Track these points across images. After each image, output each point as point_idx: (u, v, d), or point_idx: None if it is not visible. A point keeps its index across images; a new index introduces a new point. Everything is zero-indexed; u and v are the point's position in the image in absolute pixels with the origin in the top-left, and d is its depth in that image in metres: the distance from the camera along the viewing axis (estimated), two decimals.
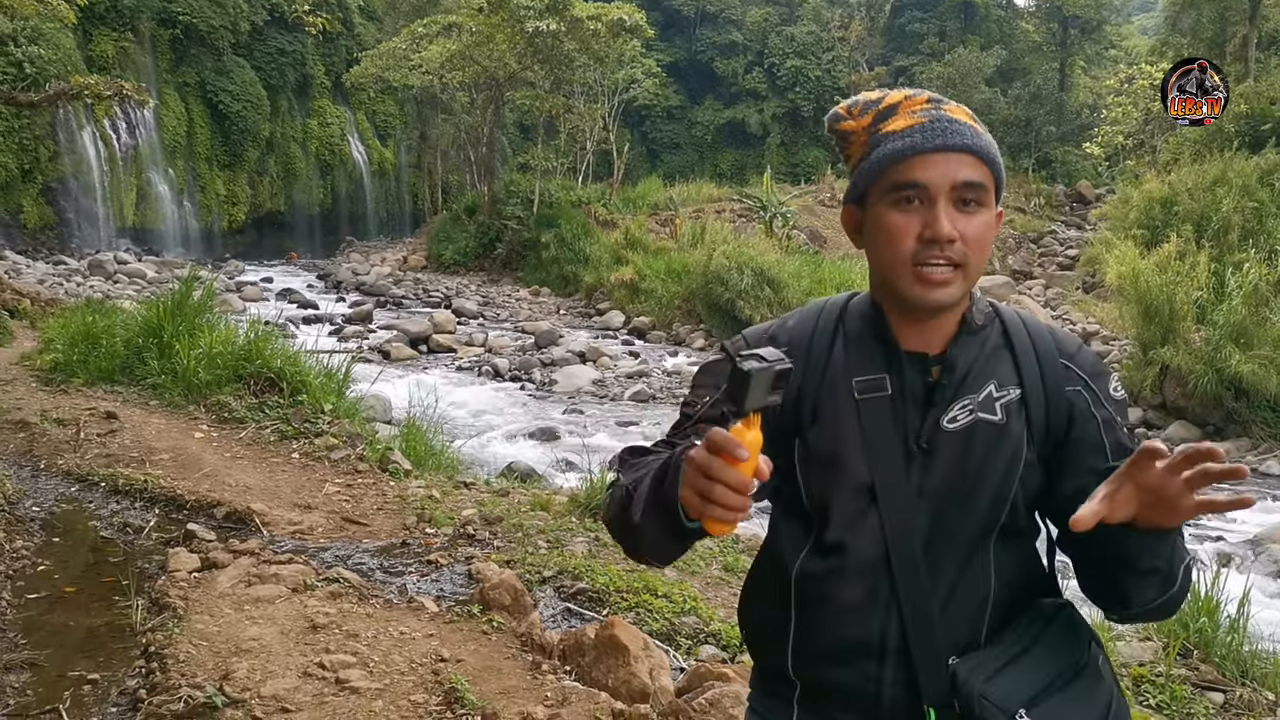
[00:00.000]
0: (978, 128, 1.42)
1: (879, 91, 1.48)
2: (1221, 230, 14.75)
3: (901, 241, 1.38)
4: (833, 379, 1.46)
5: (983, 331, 1.47)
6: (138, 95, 15.25)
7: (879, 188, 1.41)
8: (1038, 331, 1.51)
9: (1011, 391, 1.44)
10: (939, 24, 47.10)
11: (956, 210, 1.37)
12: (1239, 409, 11.25)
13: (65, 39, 27.85)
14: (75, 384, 8.31)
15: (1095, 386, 1.47)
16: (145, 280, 23.89)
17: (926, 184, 1.37)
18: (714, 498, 1.17)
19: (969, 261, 1.38)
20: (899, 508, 1.41)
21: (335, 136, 39.96)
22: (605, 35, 26.60)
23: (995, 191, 1.42)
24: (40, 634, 3.86)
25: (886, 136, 1.40)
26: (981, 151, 1.39)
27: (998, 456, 1.41)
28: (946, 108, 1.42)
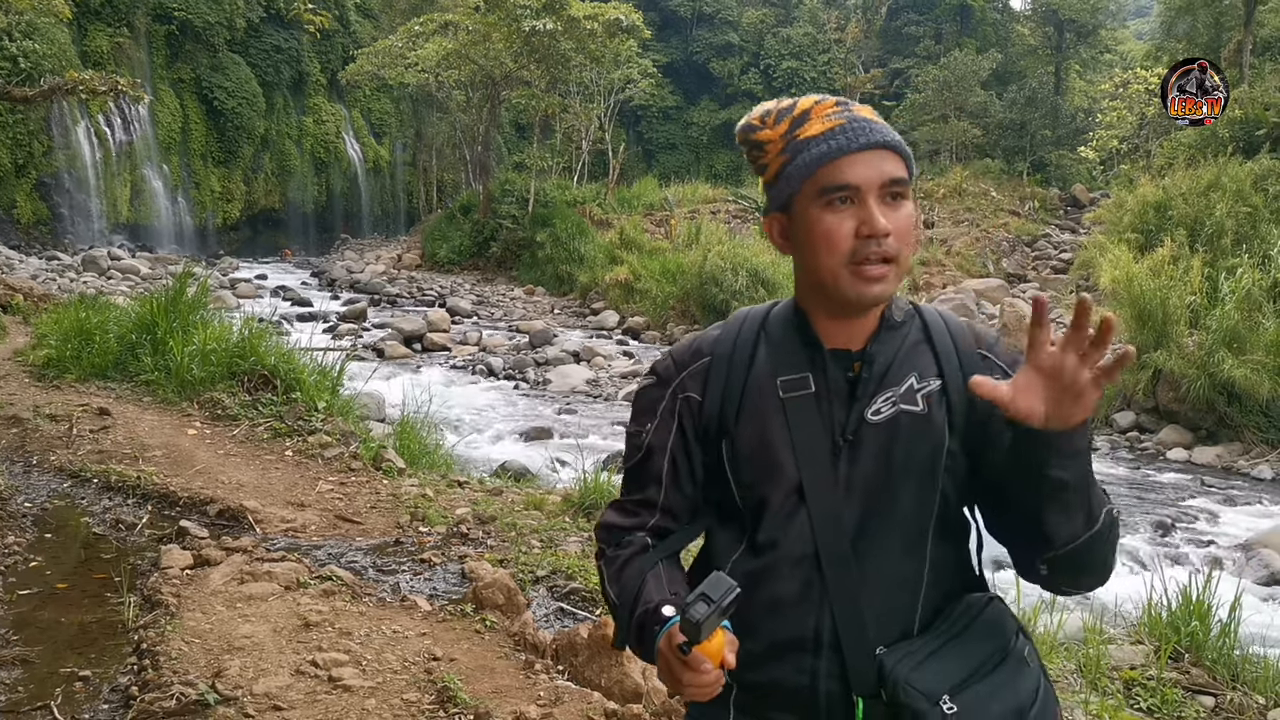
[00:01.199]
0: (887, 125, 1.47)
1: (786, 100, 1.51)
2: (1215, 235, 14.78)
3: (837, 241, 1.41)
4: (757, 381, 1.51)
5: (902, 327, 1.52)
6: (133, 91, 15.21)
7: (807, 192, 1.44)
8: (956, 326, 1.56)
9: (932, 383, 1.49)
10: (935, 26, 47.18)
11: (885, 205, 1.42)
12: (1231, 413, 11.28)
13: (60, 34, 27.79)
14: (68, 380, 8.29)
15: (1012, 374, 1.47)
16: (139, 276, 23.85)
17: (858, 184, 1.40)
18: (683, 691, 1.34)
19: (900, 254, 1.42)
20: (826, 503, 1.45)
21: (330, 134, 39.94)
22: (602, 35, 26.62)
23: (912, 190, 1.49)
24: (31, 630, 3.84)
25: (807, 142, 1.43)
26: (899, 146, 1.45)
27: (921, 445, 1.46)
28: (856, 108, 1.46)
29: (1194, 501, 9.59)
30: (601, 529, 1.61)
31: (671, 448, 1.54)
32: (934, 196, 29.54)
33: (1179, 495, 9.83)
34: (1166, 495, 9.83)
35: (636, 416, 1.60)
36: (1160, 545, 8.30)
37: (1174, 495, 9.83)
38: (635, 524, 1.57)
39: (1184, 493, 9.92)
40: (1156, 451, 11.46)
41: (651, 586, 1.49)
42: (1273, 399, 10.98)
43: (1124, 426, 12.23)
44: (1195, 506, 9.42)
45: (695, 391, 1.53)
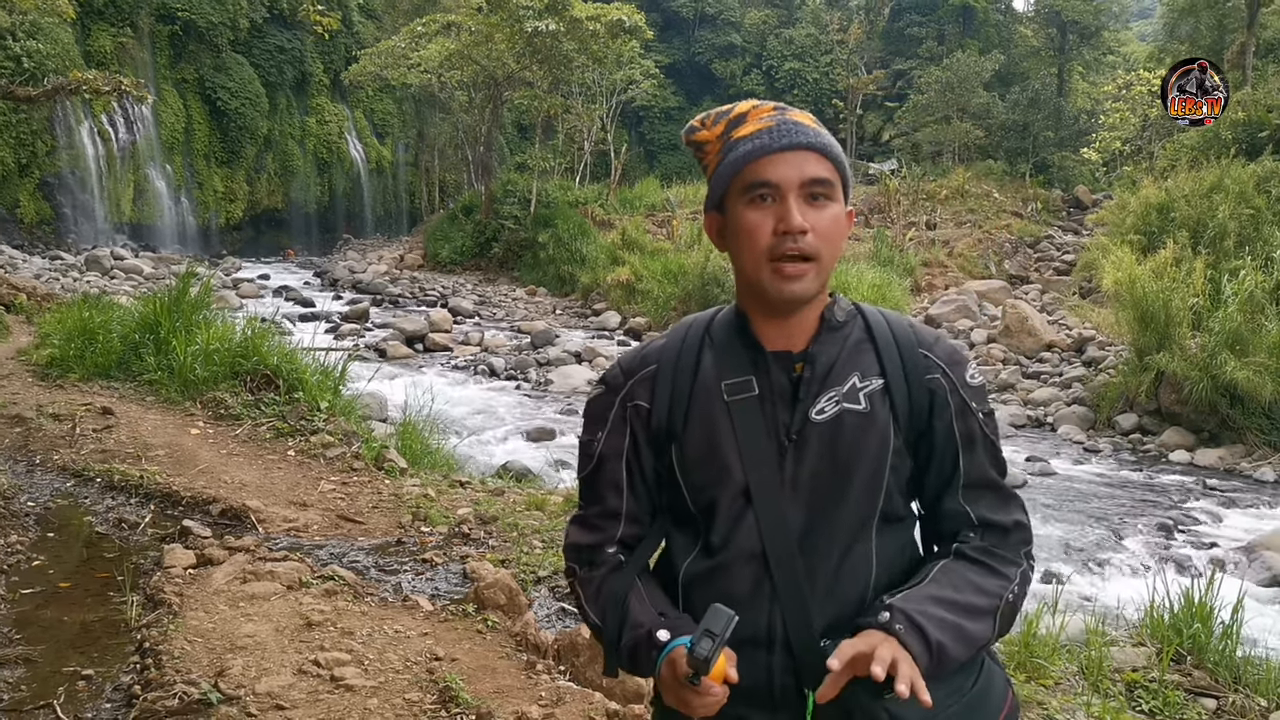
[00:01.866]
0: (820, 130, 1.50)
1: (730, 105, 1.56)
2: (1218, 237, 14.77)
3: (758, 237, 1.46)
4: (703, 386, 1.54)
5: (844, 328, 1.55)
6: (136, 91, 15.22)
7: (734, 190, 1.49)
8: (898, 325, 1.58)
9: (874, 381, 1.51)
10: (938, 28, 47.15)
11: (807, 205, 1.46)
12: (1234, 415, 11.27)
13: (64, 34, 27.82)
14: (71, 379, 8.30)
15: (952, 374, 1.54)
16: (142, 276, 23.87)
17: (778, 182, 1.45)
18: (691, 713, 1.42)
19: (821, 253, 1.46)
20: (773, 503, 1.48)
21: (333, 134, 39.95)
22: (604, 36, 26.62)
23: (844, 190, 1.51)
24: (34, 629, 3.85)
25: (737, 142, 1.49)
26: (825, 149, 1.48)
27: (866, 443, 1.49)
28: (791, 113, 1.51)
29: (1196, 503, 9.59)
30: (570, 549, 1.63)
31: (626, 455, 1.57)
32: (936, 198, 29.52)
33: (1181, 497, 9.82)
34: (1169, 497, 9.82)
35: (588, 425, 1.62)
36: (1162, 547, 8.30)
37: (1176, 497, 9.82)
38: (603, 539, 1.60)
39: (1186, 495, 9.92)
40: (1159, 453, 11.46)
41: (636, 609, 1.52)
42: (1275, 401, 10.97)
43: (1126, 428, 12.22)
44: (1197, 508, 9.41)
45: (643, 399, 1.56)
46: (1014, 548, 1.53)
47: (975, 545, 1.52)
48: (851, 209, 1.55)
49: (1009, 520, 1.54)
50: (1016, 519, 1.55)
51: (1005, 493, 1.56)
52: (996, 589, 1.47)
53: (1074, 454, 11.70)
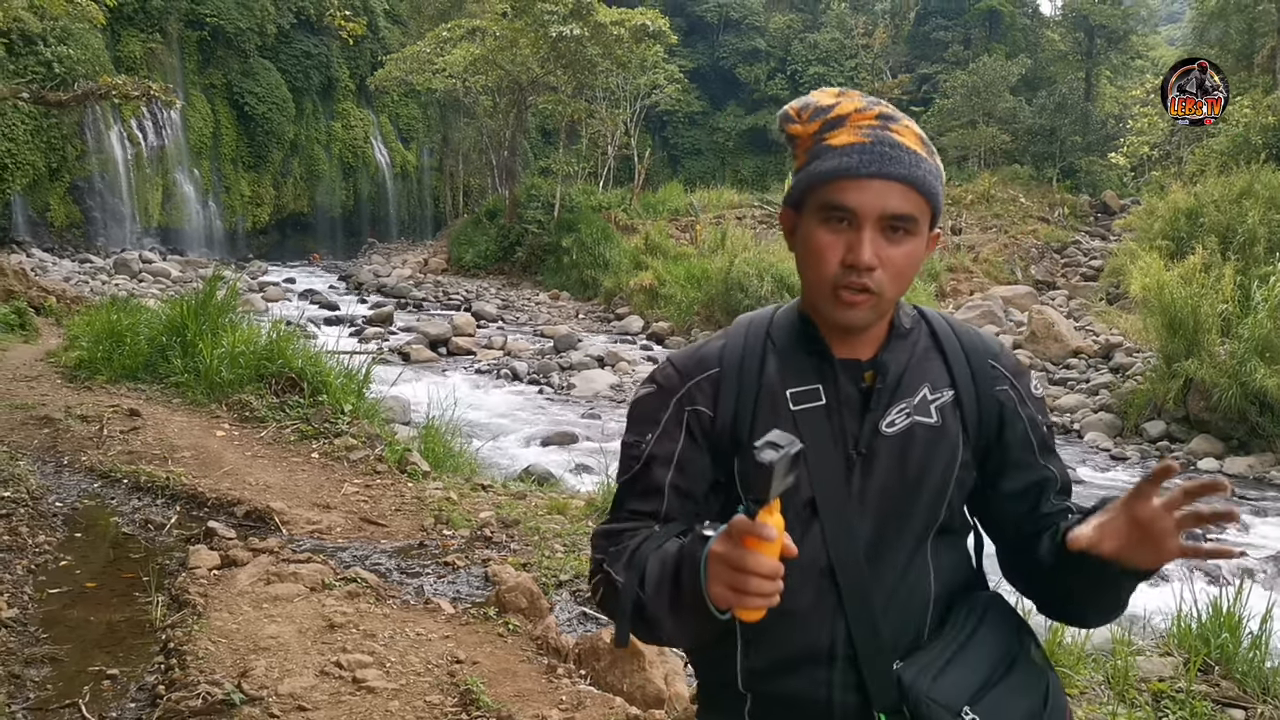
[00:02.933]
0: (922, 153, 1.40)
1: (834, 95, 1.45)
2: (1247, 243, 14.61)
3: (825, 261, 1.39)
4: (768, 394, 1.47)
5: (911, 334, 1.51)
6: (165, 96, 15.36)
7: (812, 201, 1.41)
8: (964, 333, 1.55)
9: (945, 393, 1.48)
10: (964, 32, 46.89)
11: (884, 237, 1.38)
12: (1263, 423, 11.14)
13: (94, 39, 28.11)
14: (99, 381, 8.38)
15: (1019, 385, 1.53)
16: (169, 279, 24.09)
17: (855, 209, 1.37)
18: (749, 589, 1.20)
19: (884, 290, 1.39)
20: (840, 516, 1.43)
21: (359, 139, 40.17)
22: (628, 41, 26.64)
23: (931, 219, 1.44)
24: (61, 629, 3.88)
25: (827, 150, 1.40)
26: (918, 182, 1.38)
27: (936, 458, 1.45)
28: (895, 128, 1.40)
29: None
30: (598, 536, 1.53)
31: (679, 459, 1.48)
32: (962, 203, 29.36)
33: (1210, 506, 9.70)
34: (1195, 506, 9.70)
35: (635, 426, 1.54)
36: None
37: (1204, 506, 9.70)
38: (638, 527, 1.49)
39: (1214, 503, 9.79)
40: (1187, 461, 11.34)
41: (671, 545, 1.38)
42: None
43: (1154, 436, 12.10)
44: None
45: (704, 405, 1.48)
46: None
47: None
48: (938, 231, 1.49)
49: None
50: None
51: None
52: None
53: (1101, 461, 11.59)
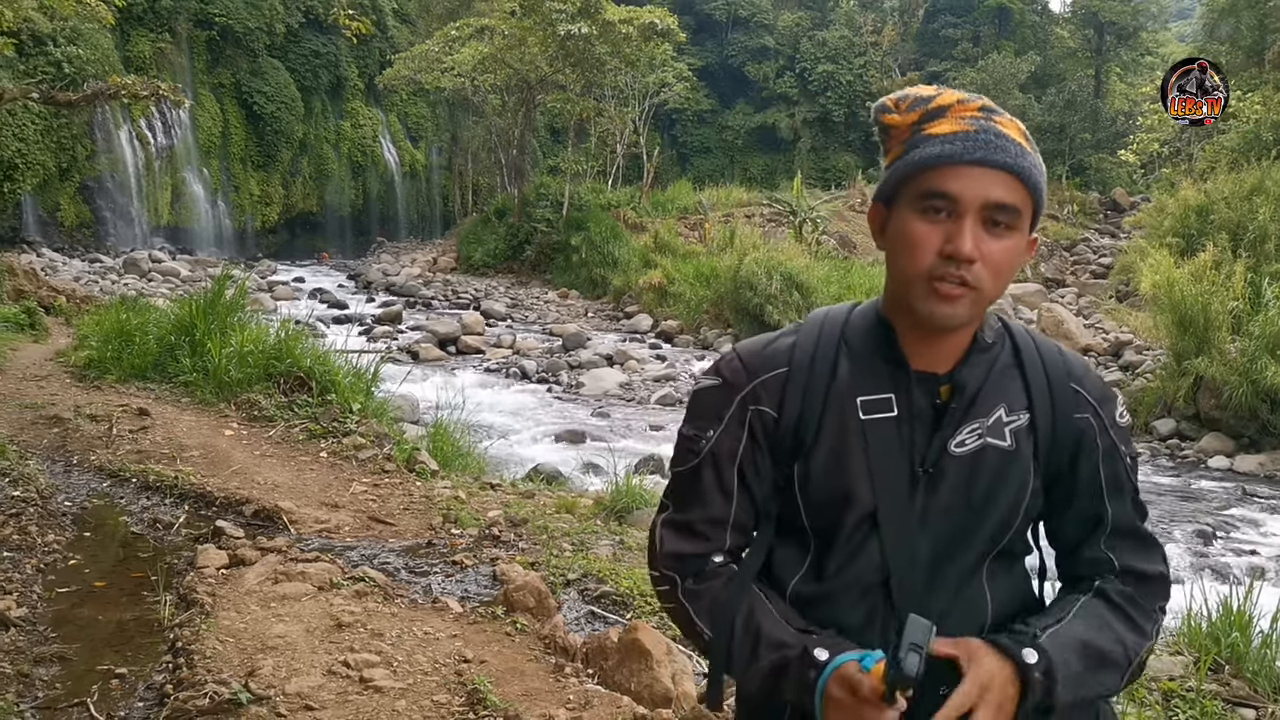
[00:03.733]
0: (1027, 147, 1.35)
1: (934, 88, 1.42)
2: (1258, 240, 14.54)
3: (922, 252, 1.32)
4: (837, 398, 1.40)
5: (992, 350, 1.42)
6: (174, 96, 15.38)
7: (909, 191, 1.34)
8: (1048, 352, 1.46)
9: (1021, 416, 1.40)
10: (973, 29, 46.78)
11: (985, 230, 1.31)
12: (1274, 421, 11.09)
13: (103, 39, 28.21)
14: (108, 380, 8.40)
15: (1103, 413, 1.44)
16: (179, 279, 24.17)
17: (957, 197, 1.30)
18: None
19: (984, 285, 1.32)
20: (901, 533, 1.38)
21: (367, 138, 40.25)
22: (637, 39, 26.63)
23: (1032, 216, 1.37)
24: (70, 628, 3.90)
25: (928, 139, 1.34)
26: (1024, 173, 1.33)
27: (1006, 483, 1.39)
28: (998, 119, 1.36)
29: (1235, 510, 9.44)
30: (669, 558, 1.47)
31: (741, 460, 1.43)
32: None
33: (1220, 504, 9.67)
34: (1207, 504, 9.67)
35: (695, 419, 1.49)
36: (1201, 554, 8.17)
37: (1215, 504, 9.67)
38: (709, 549, 1.45)
39: (1225, 501, 9.76)
40: (1197, 459, 11.29)
41: (770, 626, 1.38)
42: None
43: (1164, 434, 12.05)
44: (1237, 515, 9.26)
45: (769, 405, 1.42)
46: (1154, 599, 1.43)
47: (1118, 590, 1.42)
48: (1036, 237, 1.41)
49: (1154, 570, 1.44)
50: (1160, 570, 1.45)
51: (1150, 540, 1.45)
52: (1134, 644, 1.39)
53: None
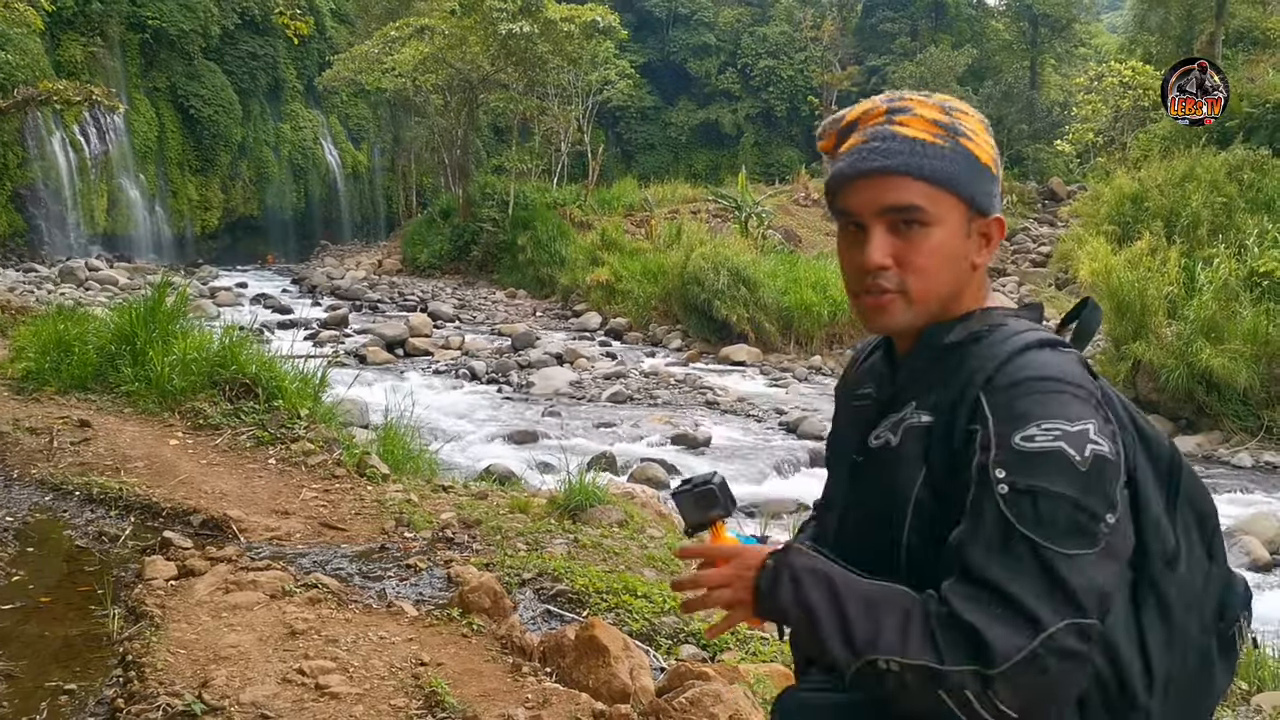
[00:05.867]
0: (929, 141, 1.31)
1: (871, 101, 1.42)
2: (1191, 226, 14.91)
3: (846, 269, 1.39)
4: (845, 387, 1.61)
5: (949, 350, 1.36)
6: (107, 100, 15.13)
7: (833, 212, 1.41)
8: (990, 354, 1.31)
9: (922, 417, 1.34)
10: (910, 23, 47.39)
11: (895, 234, 1.32)
12: (1210, 402, 11.39)
13: (33, 44, 27.57)
14: (47, 392, 8.22)
15: (996, 430, 1.24)
16: (117, 287, 23.68)
17: (855, 211, 1.34)
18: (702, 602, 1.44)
19: (909, 286, 1.32)
20: (841, 513, 1.51)
21: (308, 140, 39.77)
22: (578, 37, 26.61)
23: (967, 204, 1.33)
24: (15, 645, 3.82)
25: (838, 159, 1.38)
26: (916, 170, 1.30)
27: (890, 480, 1.36)
28: (901, 119, 1.33)
29: None
30: None
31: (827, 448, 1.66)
32: None
33: None
34: None
35: None
36: None
37: None
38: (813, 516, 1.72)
39: None
40: None
41: None
42: (1250, 387, 11.09)
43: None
44: None
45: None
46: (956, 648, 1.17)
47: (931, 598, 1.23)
48: (998, 217, 1.37)
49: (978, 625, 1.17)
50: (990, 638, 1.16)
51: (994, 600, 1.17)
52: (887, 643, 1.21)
53: None
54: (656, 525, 6.07)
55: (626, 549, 5.26)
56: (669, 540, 5.59)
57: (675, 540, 5.60)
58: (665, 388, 14.62)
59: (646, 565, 5.02)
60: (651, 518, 6.27)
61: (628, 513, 6.01)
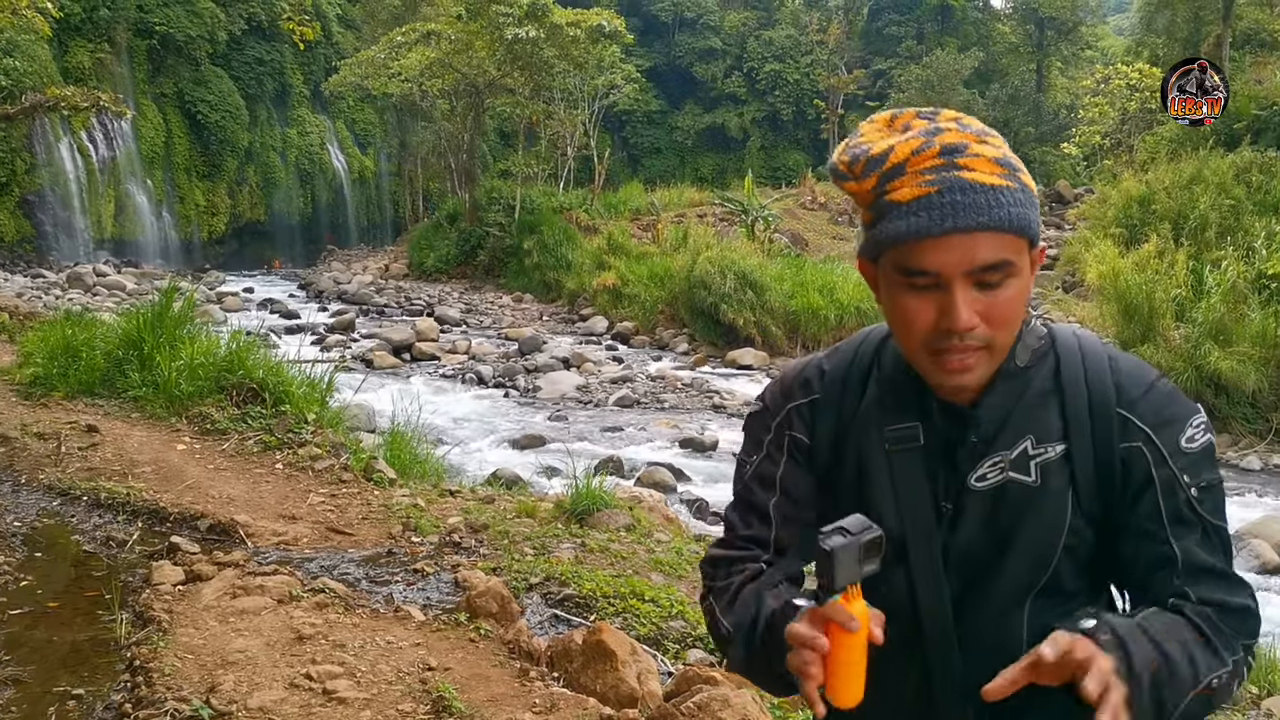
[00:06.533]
0: (1000, 184, 1.20)
1: (884, 132, 1.27)
2: (1199, 228, 14.87)
3: (916, 327, 1.24)
4: (864, 424, 1.38)
5: (1026, 374, 1.33)
6: (115, 106, 15.18)
7: (889, 262, 1.26)
8: (1095, 370, 1.32)
9: (1052, 449, 1.30)
10: (916, 26, 47.38)
11: (978, 291, 1.22)
12: (1219, 405, 11.34)
13: (41, 50, 27.70)
14: (55, 397, 8.24)
15: (1159, 440, 1.28)
16: (125, 292, 23.75)
17: (938, 271, 1.20)
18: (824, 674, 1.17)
19: (994, 341, 1.25)
20: (927, 565, 1.34)
21: (314, 145, 39.89)
22: (584, 41, 26.64)
23: (1030, 246, 1.25)
24: (23, 650, 3.82)
25: (892, 208, 1.22)
26: (1004, 223, 1.19)
27: (1032, 521, 1.30)
28: (963, 162, 1.20)
29: None
30: (706, 562, 1.48)
31: (782, 483, 1.42)
32: None
33: None
34: None
35: (744, 445, 1.49)
36: None
37: None
38: (747, 556, 1.43)
39: None
40: None
41: (769, 597, 1.34)
42: (1259, 390, 11.05)
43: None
44: None
45: (801, 432, 1.42)
46: (1238, 630, 1.27)
47: (1196, 609, 1.26)
48: (1043, 246, 1.29)
49: (1237, 603, 1.28)
50: (1245, 604, 1.29)
51: (1231, 578, 1.30)
52: (1206, 664, 1.21)
53: None
54: (664, 530, 6.06)
55: (634, 553, 5.25)
56: (675, 544, 5.58)
57: (682, 544, 5.59)
58: (672, 392, 14.61)
59: (654, 570, 5.01)
60: (659, 522, 6.26)
61: (635, 517, 6.01)
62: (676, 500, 8.65)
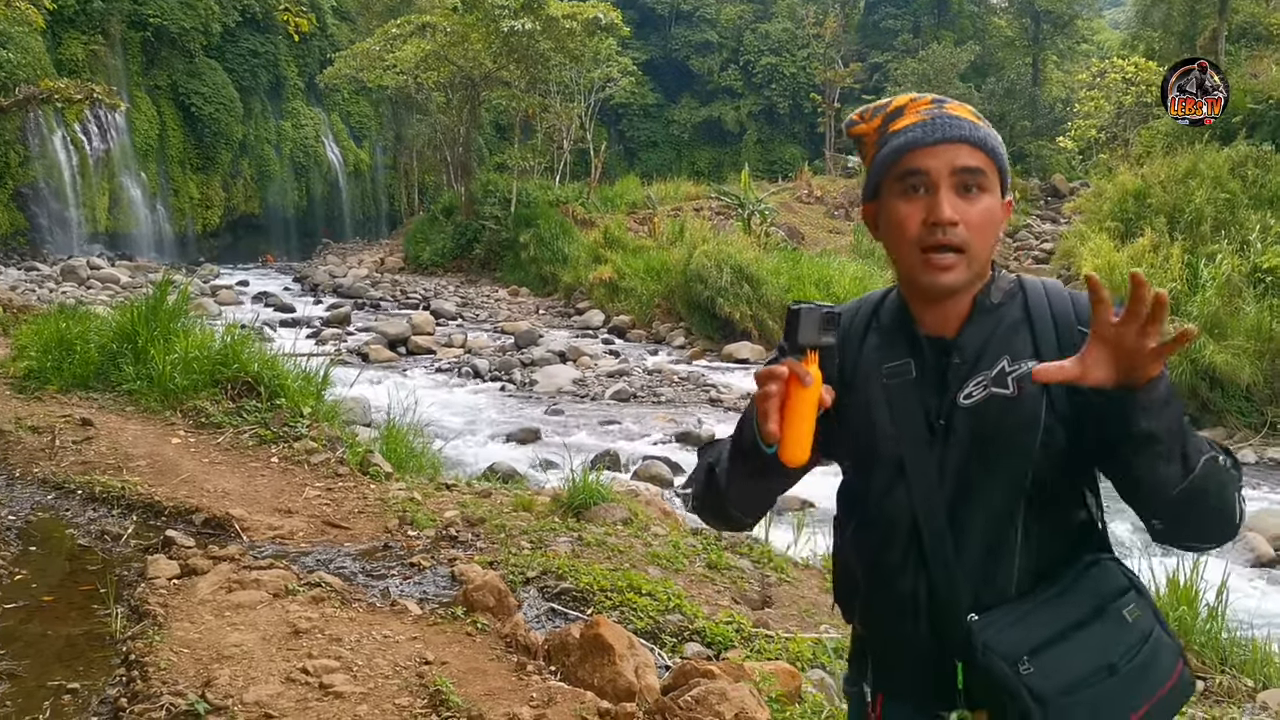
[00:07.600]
0: (978, 122, 1.54)
1: (889, 98, 1.61)
2: (1194, 222, 14.88)
3: (908, 228, 1.51)
4: (866, 365, 1.63)
5: (1000, 309, 1.58)
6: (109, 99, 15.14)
7: (888, 180, 1.54)
8: (1058, 301, 1.59)
9: (1025, 364, 1.52)
10: (913, 20, 47.31)
11: (959, 196, 1.50)
12: (1214, 399, 11.36)
13: (34, 42, 27.56)
14: (49, 391, 8.21)
15: None
16: (119, 285, 23.68)
17: (928, 170, 1.49)
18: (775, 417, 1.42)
19: (971, 245, 1.50)
20: (924, 480, 1.55)
21: (309, 138, 39.76)
22: (580, 34, 26.58)
23: (1001, 181, 1.55)
24: (18, 644, 3.81)
25: (895, 134, 1.53)
26: (980, 141, 1.51)
27: (1012, 428, 1.51)
28: (949, 107, 1.55)
29: None
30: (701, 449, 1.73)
31: None
32: None
33: None
34: None
35: None
36: (1146, 531, 8.34)
37: None
38: None
39: None
40: None
41: None
42: (1254, 383, 11.07)
43: None
44: None
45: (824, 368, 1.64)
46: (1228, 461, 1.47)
47: None
48: (1010, 199, 1.59)
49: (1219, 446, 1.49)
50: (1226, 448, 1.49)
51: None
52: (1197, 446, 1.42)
53: None
54: (660, 523, 6.06)
55: (631, 547, 5.25)
56: (672, 538, 5.58)
57: (679, 538, 5.59)
58: (668, 385, 14.60)
59: (651, 563, 5.01)
60: (655, 515, 6.26)
61: (632, 510, 6.00)
62: (673, 494, 8.65)
